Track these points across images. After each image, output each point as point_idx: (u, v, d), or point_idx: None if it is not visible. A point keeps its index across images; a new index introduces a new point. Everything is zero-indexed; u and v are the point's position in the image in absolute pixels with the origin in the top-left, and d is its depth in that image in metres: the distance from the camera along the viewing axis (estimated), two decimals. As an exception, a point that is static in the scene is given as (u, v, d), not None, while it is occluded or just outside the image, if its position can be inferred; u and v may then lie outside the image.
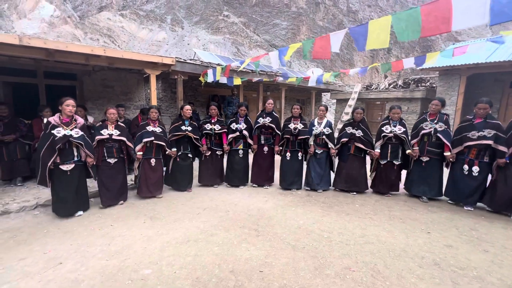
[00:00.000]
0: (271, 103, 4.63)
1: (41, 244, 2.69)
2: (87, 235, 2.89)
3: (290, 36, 35.45)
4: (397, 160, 4.18)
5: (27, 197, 3.78)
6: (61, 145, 3.14)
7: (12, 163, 4.24)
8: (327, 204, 3.90)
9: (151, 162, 4.06)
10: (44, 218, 3.35)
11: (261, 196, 4.26)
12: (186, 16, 36.25)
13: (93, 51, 3.89)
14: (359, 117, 4.32)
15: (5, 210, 3.37)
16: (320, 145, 4.43)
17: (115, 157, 3.72)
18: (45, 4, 31.85)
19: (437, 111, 3.99)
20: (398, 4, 41.23)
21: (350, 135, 4.32)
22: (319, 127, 4.40)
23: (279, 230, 3.01)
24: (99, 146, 3.61)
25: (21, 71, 4.79)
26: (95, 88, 5.58)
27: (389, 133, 4.10)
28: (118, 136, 3.68)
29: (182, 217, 3.37)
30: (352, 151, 4.33)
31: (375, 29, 2.93)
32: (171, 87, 7.62)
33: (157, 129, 4.05)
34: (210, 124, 4.52)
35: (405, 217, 3.41)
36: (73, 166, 3.30)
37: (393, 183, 4.27)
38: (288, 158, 4.51)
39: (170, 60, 4.72)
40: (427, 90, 9.33)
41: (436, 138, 3.92)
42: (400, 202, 4.02)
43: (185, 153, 4.39)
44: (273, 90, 10.54)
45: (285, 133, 4.47)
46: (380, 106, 10.69)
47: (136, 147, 3.88)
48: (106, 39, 31.71)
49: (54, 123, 3.19)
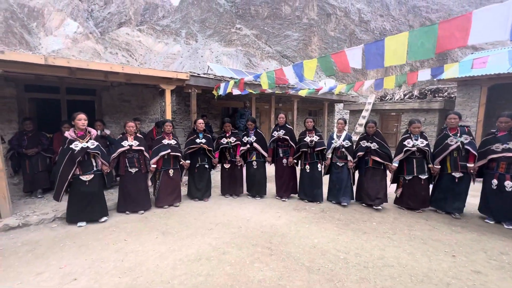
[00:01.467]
0: (282, 117, 4.75)
1: (57, 259, 2.73)
2: (101, 249, 2.92)
3: (302, 47, 35.75)
4: (424, 174, 4.06)
5: (46, 209, 3.89)
6: (80, 158, 3.35)
7: (33, 175, 4.40)
8: (343, 221, 3.77)
9: (170, 172, 4.28)
10: (61, 231, 3.42)
11: (274, 211, 4.18)
12: (200, 29, 37.47)
13: (112, 69, 4.05)
14: (371, 130, 4.33)
15: (26, 222, 3.47)
16: (341, 158, 4.44)
17: (136, 167, 3.97)
18: (69, 22, 33.82)
19: (456, 125, 3.92)
20: (411, 13, 40.86)
21: (365, 148, 4.31)
22: (338, 140, 4.42)
23: (292, 249, 2.92)
24: (121, 157, 3.88)
25: (46, 87, 5.06)
26: (113, 102, 5.79)
27: (412, 147, 4.00)
28: (137, 146, 3.99)
29: (194, 233, 3.35)
30: (370, 164, 4.30)
31: (392, 45, 2.88)
32: (185, 100, 7.79)
33: (172, 142, 4.27)
34: (225, 138, 4.72)
35: (427, 238, 3.23)
36: (92, 176, 3.52)
37: (424, 199, 4.13)
38: (308, 171, 4.56)
39: (184, 75, 4.83)
40: (445, 101, 9.04)
41: (466, 152, 3.83)
42: (421, 220, 3.82)
43: (202, 165, 4.60)
44: (285, 102, 10.55)
45: (301, 147, 4.55)
46: (395, 117, 10.43)
47: (151, 159, 4.07)
48: (124, 53, 33.14)
49: (70, 137, 3.39)
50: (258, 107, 9.67)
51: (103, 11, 39.32)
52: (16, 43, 28.00)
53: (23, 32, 29.32)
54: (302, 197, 4.70)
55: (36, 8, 31.79)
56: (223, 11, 37.76)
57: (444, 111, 9.21)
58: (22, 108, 4.90)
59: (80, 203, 3.47)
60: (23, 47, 28.10)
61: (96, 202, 3.59)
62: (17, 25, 29.26)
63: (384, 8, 40.36)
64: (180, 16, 39.19)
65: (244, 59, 33.42)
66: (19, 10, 30.78)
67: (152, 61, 33.14)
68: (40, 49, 29.12)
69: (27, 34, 29.65)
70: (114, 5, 40.19)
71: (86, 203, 3.49)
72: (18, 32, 28.78)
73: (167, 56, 33.93)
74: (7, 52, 3.21)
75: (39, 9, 31.75)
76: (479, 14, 2.39)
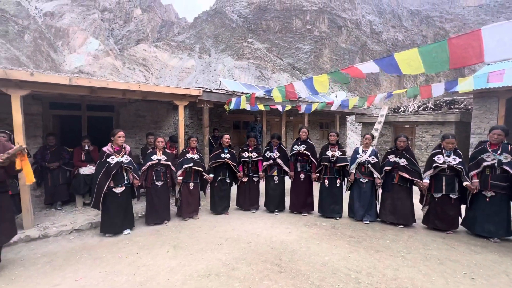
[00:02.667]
0: (304, 132, 4.70)
1: (73, 271, 2.83)
2: (115, 262, 3.00)
3: (313, 59, 36.06)
4: (454, 193, 3.80)
5: (64, 221, 4.06)
6: (115, 171, 3.61)
7: (54, 188, 4.63)
8: (355, 238, 3.69)
9: (190, 186, 4.43)
10: (78, 243, 3.55)
11: (284, 226, 4.15)
12: (213, 44, 38.72)
13: (129, 87, 4.28)
14: (402, 145, 4.13)
15: (45, 234, 3.64)
16: (365, 174, 4.29)
17: (162, 180, 4.18)
18: (92, 40, 35.90)
19: (499, 142, 3.58)
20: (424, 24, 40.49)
21: (393, 163, 4.14)
22: (364, 155, 4.29)
23: (302, 267, 2.88)
24: (149, 170, 4.10)
25: (68, 105, 5.39)
26: (130, 118, 6.06)
27: (442, 164, 3.78)
28: (165, 161, 4.20)
29: (204, 248, 3.38)
30: (396, 181, 4.11)
31: (404, 60, 2.90)
32: (197, 114, 8.01)
33: (195, 156, 4.46)
34: (247, 152, 4.79)
35: (444, 258, 3.10)
36: (123, 189, 3.75)
37: (453, 219, 3.86)
38: (326, 185, 4.50)
39: (197, 92, 5.02)
40: (461, 113, 8.79)
41: (501, 171, 3.51)
42: (438, 239, 3.67)
43: (223, 179, 4.69)
44: (296, 115, 10.60)
45: (322, 160, 4.49)
46: (409, 130, 10.21)
47: (177, 172, 4.29)
48: (141, 68, 34.61)
49: (108, 152, 3.67)
50: (269, 120, 9.76)
51: (122, 29, 41.58)
52: (43, 61, 29.95)
53: (49, 50, 31.39)
54: (320, 213, 4.62)
55: (62, 28, 34.08)
56: (235, 26, 38.98)
57: (461, 124, 8.94)
58: (47, 124, 5.22)
59: (112, 214, 3.68)
60: (49, 64, 30.01)
61: (126, 213, 3.81)
62: (45, 44, 31.41)
63: (396, 19, 40.31)
64: (194, 32, 40.77)
65: (255, 72, 34.04)
66: (47, 31, 33.10)
67: (167, 75, 34.40)
68: (64, 66, 30.98)
69: (53, 52, 31.70)
70: (133, 23, 42.46)
71: (117, 214, 3.71)
72: (45, 51, 30.85)
73: (181, 70, 35.14)
74: (36, 74, 3.48)
75: (65, 29, 34.02)
76: (489, 30, 2.38)
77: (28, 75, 3.43)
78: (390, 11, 40.98)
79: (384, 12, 40.89)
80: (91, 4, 38.88)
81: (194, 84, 30.30)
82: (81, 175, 4.67)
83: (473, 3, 42.04)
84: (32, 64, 28.43)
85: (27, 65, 27.26)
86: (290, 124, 10.97)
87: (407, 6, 42.08)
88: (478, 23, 38.53)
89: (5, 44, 27.98)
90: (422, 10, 41.12)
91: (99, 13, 39.04)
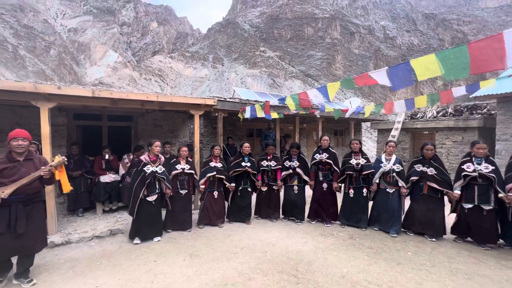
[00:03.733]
0: (326, 140, 4.58)
1: (94, 277, 2.90)
2: (133, 270, 3.05)
3: (325, 65, 35.98)
4: (489, 204, 3.48)
5: (85, 228, 4.20)
6: (150, 180, 3.74)
7: (76, 195, 4.81)
8: (374, 249, 3.57)
9: (214, 194, 4.47)
10: (98, 249, 3.65)
11: (300, 236, 4.09)
12: (226, 54, 39.56)
13: (148, 98, 4.44)
14: (430, 153, 3.90)
15: (68, 240, 3.77)
16: (391, 184, 4.12)
17: (185, 189, 4.27)
18: (111, 53, 37.66)
19: None
20: (440, 27, 39.56)
21: (420, 173, 3.93)
22: (387, 163, 4.13)
23: (320, 279, 2.81)
24: (173, 179, 4.19)
25: (90, 115, 5.66)
26: (147, 127, 6.26)
27: (472, 172, 3.52)
28: (189, 170, 4.29)
29: (220, 256, 3.38)
30: (426, 191, 3.90)
31: (420, 65, 2.83)
32: (212, 123, 8.15)
33: (218, 165, 4.49)
34: (266, 161, 4.75)
35: (471, 273, 2.93)
36: (156, 197, 3.86)
37: (489, 233, 3.52)
38: (351, 195, 4.36)
39: (212, 101, 5.12)
40: (484, 118, 8.41)
41: None
42: (463, 252, 3.48)
43: (245, 188, 4.67)
44: (310, 122, 10.54)
45: (346, 169, 4.36)
46: (428, 137, 9.87)
47: (200, 180, 4.38)
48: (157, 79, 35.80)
49: (145, 161, 3.81)
50: (283, 128, 9.76)
51: (140, 41, 43.44)
52: (66, 74, 31.71)
53: (72, 63, 33.26)
54: (342, 222, 4.48)
55: (84, 43, 36.10)
56: (247, 36, 39.74)
57: (485, 130, 8.54)
58: (71, 134, 5.49)
59: (144, 221, 3.78)
60: (72, 77, 31.72)
61: (156, 221, 3.91)
62: (68, 58, 33.32)
63: (411, 23, 39.63)
64: (208, 43, 41.92)
65: (268, 79, 34.34)
66: (70, 45, 35.15)
67: (182, 85, 35.37)
68: (86, 78, 32.65)
69: (75, 65, 33.54)
70: (149, 36, 44.28)
71: (148, 221, 3.81)
72: (68, 64, 32.72)
73: (195, 79, 36.05)
74: (62, 87, 3.69)
75: (86, 43, 36.01)
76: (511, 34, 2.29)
77: (56, 89, 3.65)
78: (404, 16, 40.38)
79: (398, 17, 40.34)
80: (111, 19, 41.05)
81: (207, 93, 30.91)
82: (101, 183, 4.84)
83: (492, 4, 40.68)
84: (56, 77, 30.15)
85: (52, 78, 28.95)
86: (304, 132, 10.90)
87: (422, 10, 41.33)
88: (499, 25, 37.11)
89: (33, 59, 29.91)
90: (438, 13, 40.21)
91: (118, 27, 41.11)
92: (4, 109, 4.67)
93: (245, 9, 46.96)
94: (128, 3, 45.28)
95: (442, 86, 33.46)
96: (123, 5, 44.75)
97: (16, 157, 2.64)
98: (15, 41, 29.52)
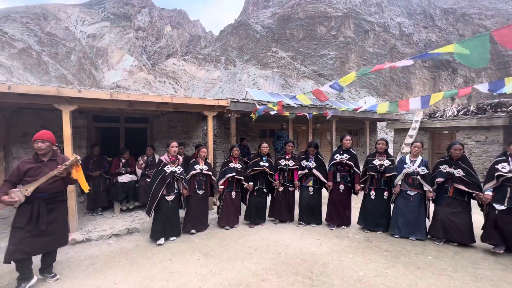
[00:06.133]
0: (349, 140, 4.38)
1: (112, 274, 2.99)
2: (150, 268, 3.12)
3: (339, 65, 35.38)
4: None
5: (104, 226, 4.34)
6: (169, 180, 3.84)
7: (96, 195, 4.99)
8: (392, 253, 3.46)
9: (232, 194, 4.51)
10: (116, 247, 3.77)
11: (314, 237, 4.03)
12: (238, 55, 39.80)
13: (163, 100, 4.54)
14: (458, 154, 3.65)
15: (88, 237, 3.91)
16: (413, 186, 3.90)
17: (203, 189, 4.34)
18: (127, 57, 38.83)
19: None
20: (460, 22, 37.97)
21: (446, 174, 3.70)
22: (412, 165, 3.91)
23: (335, 281, 2.76)
24: (191, 179, 4.27)
25: (109, 117, 5.86)
26: (162, 128, 6.39)
27: (508, 173, 3.25)
28: (207, 171, 4.36)
29: (234, 256, 3.39)
30: (450, 194, 3.69)
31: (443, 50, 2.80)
32: (225, 124, 8.21)
33: (237, 165, 4.52)
34: (284, 160, 4.65)
35: (498, 279, 2.78)
36: (174, 197, 3.95)
37: None
38: (372, 197, 4.19)
39: (225, 102, 5.16)
40: (510, 117, 7.96)
41: None
42: (489, 257, 3.31)
43: (261, 188, 4.63)
44: (323, 122, 10.40)
45: (368, 170, 4.21)
46: (448, 136, 9.46)
47: (219, 181, 4.45)
48: (171, 81, 36.58)
49: (165, 161, 3.93)
50: (296, 128, 9.68)
51: (154, 45, 44.52)
52: (86, 78, 33.02)
53: (91, 68, 34.60)
54: (361, 225, 4.32)
55: (102, 48, 37.44)
56: (259, 37, 39.79)
57: (510, 128, 8.09)
58: (90, 135, 5.70)
59: (163, 221, 3.86)
60: (91, 81, 33.00)
61: (174, 220, 4.00)
62: (87, 63, 34.69)
63: (428, 19, 38.27)
64: (220, 45, 42.35)
65: (280, 80, 34.24)
66: (89, 51, 36.57)
67: (195, 86, 35.94)
68: (103, 82, 33.85)
69: (94, 70, 34.86)
70: (163, 39, 45.31)
71: (167, 221, 3.89)
72: (87, 69, 34.06)
73: (208, 81, 36.52)
74: (83, 91, 3.84)
75: (104, 49, 37.34)
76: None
77: (77, 92, 3.80)
78: (421, 12, 39.07)
79: (415, 13, 39.09)
80: (127, 24, 42.36)
81: (220, 95, 31.23)
82: (119, 183, 4.99)
83: (517, -4, 38.59)
84: (76, 81, 31.48)
85: (73, 82, 30.26)
86: (317, 132, 10.77)
87: (440, 5, 39.81)
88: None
89: (55, 65, 31.38)
90: (458, 8, 38.58)
91: (134, 32, 42.35)
92: (30, 113, 4.91)
93: (257, 10, 47.08)
94: (144, 8, 46.59)
95: (462, 83, 32.05)
96: (139, 10, 46.09)
97: (41, 158, 2.77)
98: (39, 48, 31.10)
